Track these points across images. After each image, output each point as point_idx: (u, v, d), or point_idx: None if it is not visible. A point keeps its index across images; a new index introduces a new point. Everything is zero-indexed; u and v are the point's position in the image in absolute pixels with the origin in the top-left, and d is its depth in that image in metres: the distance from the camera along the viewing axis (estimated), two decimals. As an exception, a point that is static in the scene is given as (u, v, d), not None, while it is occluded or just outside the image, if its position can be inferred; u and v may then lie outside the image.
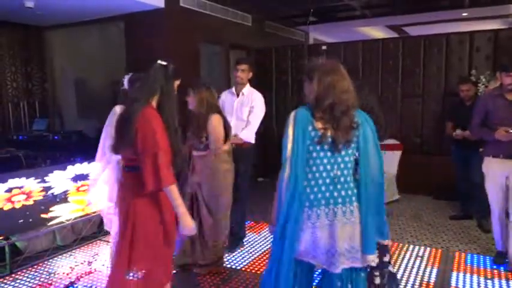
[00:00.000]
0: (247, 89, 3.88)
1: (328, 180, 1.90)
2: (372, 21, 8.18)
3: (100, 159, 2.92)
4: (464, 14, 7.45)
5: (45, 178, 3.63)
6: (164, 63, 2.22)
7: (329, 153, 1.89)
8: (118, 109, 2.82)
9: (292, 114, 1.93)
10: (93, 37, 5.94)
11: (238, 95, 3.87)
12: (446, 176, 4.79)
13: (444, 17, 7.60)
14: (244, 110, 3.81)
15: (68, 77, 6.44)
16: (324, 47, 6.32)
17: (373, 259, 1.96)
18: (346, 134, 1.87)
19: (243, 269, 3.50)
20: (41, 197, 3.61)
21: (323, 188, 1.90)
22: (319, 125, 1.88)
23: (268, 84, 6.67)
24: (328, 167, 1.90)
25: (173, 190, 2.06)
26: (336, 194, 1.90)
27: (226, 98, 3.93)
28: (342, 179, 1.91)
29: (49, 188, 3.67)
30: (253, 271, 3.45)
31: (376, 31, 9.28)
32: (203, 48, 5.81)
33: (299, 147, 1.86)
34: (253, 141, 3.83)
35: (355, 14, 7.76)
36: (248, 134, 3.76)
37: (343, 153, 1.90)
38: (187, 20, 5.49)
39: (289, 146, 1.87)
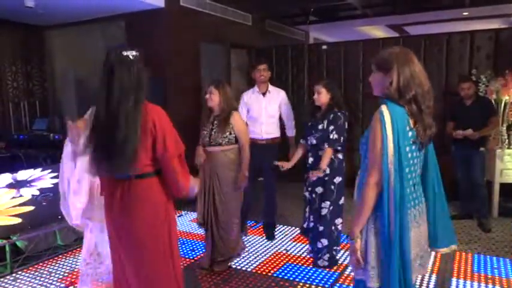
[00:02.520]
0: (272, 87, 4.19)
1: (417, 180, 1.84)
2: (372, 21, 8.16)
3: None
4: (465, 13, 7.44)
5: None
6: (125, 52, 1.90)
7: (419, 152, 1.81)
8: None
9: (386, 111, 1.71)
10: (94, 36, 5.93)
11: (264, 94, 4.10)
12: (446, 176, 4.75)
13: (445, 16, 7.59)
14: (273, 107, 4.11)
15: (68, 77, 6.44)
16: (324, 47, 6.31)
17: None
18: (430, 130, 1.79)
19: (244, 268, 3.51)
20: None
21: (414, 188, 1.83)
22: (412, 122, 1.75)
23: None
24: (417, 166, 1.83)
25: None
26: (419, 193, 1.87)
27: (251, 98, 4.11)
28: (420, 178, 1.89)
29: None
30: (253, 271, 3.45)
31: (376, 30, 9.27)
32: (203, 47, 5.81)
33: (401, 148, 1.69)
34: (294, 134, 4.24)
35: (356, 13, 7.75)
36: (293, 130, 4.22)
37: (424, 151, 1.85)
38: (188, 20, 5.49)
39: (391, 148, 1.68)
